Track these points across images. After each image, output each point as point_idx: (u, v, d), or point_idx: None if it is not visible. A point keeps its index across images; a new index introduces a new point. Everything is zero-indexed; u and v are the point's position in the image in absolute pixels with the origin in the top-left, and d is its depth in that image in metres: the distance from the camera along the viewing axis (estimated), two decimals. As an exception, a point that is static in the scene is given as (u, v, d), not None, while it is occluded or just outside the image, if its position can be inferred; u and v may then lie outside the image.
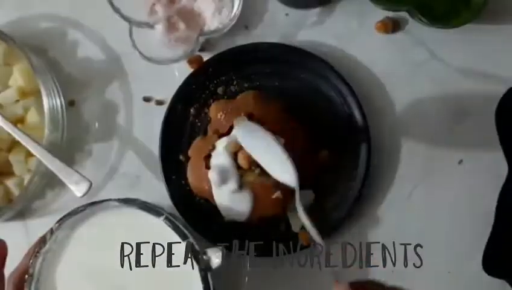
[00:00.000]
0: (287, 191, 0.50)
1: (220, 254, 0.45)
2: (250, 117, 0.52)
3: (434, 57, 0.57)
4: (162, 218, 0.47)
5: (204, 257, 0.46)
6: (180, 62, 0.57)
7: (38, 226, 0.58)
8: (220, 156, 0.49)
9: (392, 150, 0.57)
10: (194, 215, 0.56)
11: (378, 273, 0.55)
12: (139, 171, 0.59)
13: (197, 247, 0.46)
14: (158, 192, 0.57)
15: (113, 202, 0.48)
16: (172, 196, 0.56)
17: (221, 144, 0.50)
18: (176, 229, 0.46)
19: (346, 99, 0.55)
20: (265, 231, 0.55)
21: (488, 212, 0.52)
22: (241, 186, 0.49)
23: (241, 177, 0.49)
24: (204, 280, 0.45)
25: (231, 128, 0.51)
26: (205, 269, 0.45)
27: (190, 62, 0.58)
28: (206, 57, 0.58)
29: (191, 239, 0.46)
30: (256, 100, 0.54)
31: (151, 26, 0.56)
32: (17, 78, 0.57)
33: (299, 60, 0.56)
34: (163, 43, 0.57)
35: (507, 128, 0.53)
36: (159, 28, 0.56)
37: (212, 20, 0.57)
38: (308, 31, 0.59)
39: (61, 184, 0.59)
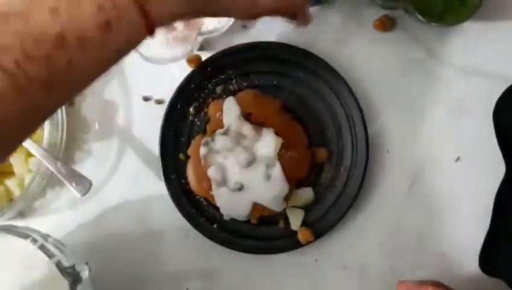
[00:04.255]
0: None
1: (87, 267, 0.49)
2: (249, 116, 0.53)
3: (431, 55, 0.57)
4: (29, 240, 0.49)
5: (72, 271, 0.49)
6: (179, 61, 0.57)
7: (39, 225, 0.58)
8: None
9: (389, 148, 0.57)
10: (195, 213, 0.56)
11: (376, 271, 0.56)
12: (139, 170, 0.60)
13: (64, 263, 0.49)
14: (158, 191, 0.58)
15: None
16: (173, 195, 0.56)
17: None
18: (42, 248, 0.49)
19: (344, 97, 0.56)
20: (265, 229, 0.56)
21: (485, 210, 0.53)
22: (240, 186, 0.50)
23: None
24: None
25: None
26: (74, 282, 0.48)
27: (189, 61, 0.58)
28: (204, 56, 0.58)
29: (58, 256, 0.49)
30: (255, 99, 0.54)
31: None
32: (17, 78, 0.57)
33: (297, 59, 0.57)
34: (162, 42, 0.57)
35: (505, 127, 0.53)
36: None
37: (211, 20, 0.57)
38: (305, 29, 0.59)
39: (61, 184, 0.60)
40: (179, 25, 0.57)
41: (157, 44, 0.57)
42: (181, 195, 0.56)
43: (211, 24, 0.57)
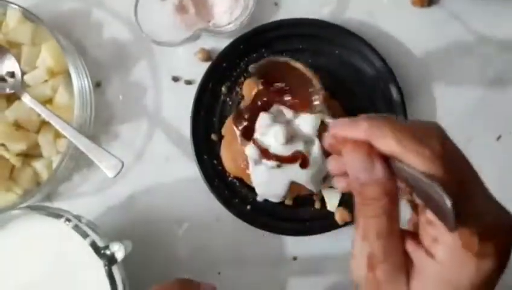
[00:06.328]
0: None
1: (122, 247, 0.47)
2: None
3: (469, 31, 0.56)
4: (62, 220, 0.49)
5: (107, 251, 0.47)
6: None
7: (67, 208, 0.57)
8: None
9: (427, 127, 0.56)
10: (228, 195, 0.55)
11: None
12: (168, 151, 0.58)
13: (99, 243, 0.48)
14: (188, 173, 0.57)
15: (14, 212, 0.49)
16: (205, 176, 0.55)
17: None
18: (76, 228, 0.48)
19: (381, 75, 0.54)
20: (300, 210, 0.54)
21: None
22: (279, 163, 0.48)
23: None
24: (109, 273, 0.47)
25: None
26: (109, 263, 0.47)
27: (196, 54, 0.58)
28: (235, 35, 0.56)
29: (93, 236, 0.48)
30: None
31: None
32: (46, 57, 0.55)
33: (331, 36, 0.55)
34: (169, 24, 0.56)
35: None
36: (170, 5, 0.55)
37: (222, 17, 0.56)
38: (339, 6, 0.57)
39: (88, 166, 0.58)
40: (191, 10, 0.55)
41: (165, 26, 0.56)
42: (213, 176, 0.55)
43: (221, 21, 0.56)
